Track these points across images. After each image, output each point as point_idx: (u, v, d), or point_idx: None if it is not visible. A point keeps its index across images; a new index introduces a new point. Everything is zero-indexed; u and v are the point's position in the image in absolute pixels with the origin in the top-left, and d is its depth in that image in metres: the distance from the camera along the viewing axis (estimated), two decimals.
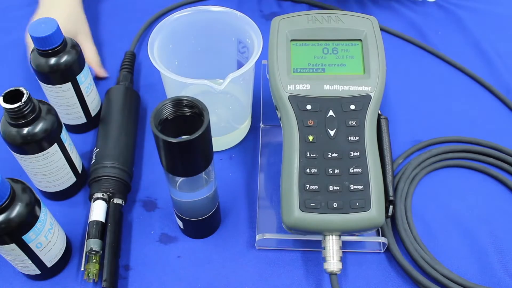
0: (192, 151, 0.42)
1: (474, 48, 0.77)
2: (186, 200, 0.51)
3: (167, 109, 0.43)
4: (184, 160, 0.43)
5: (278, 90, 0.52)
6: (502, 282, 0.54)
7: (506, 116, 0.69)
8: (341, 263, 0.50)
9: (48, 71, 0.57)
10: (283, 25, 0.56)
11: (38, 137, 0.50)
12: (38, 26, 0.54)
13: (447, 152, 0.63)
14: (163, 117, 0.43)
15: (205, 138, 0.42)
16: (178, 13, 0.59)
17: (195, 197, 0.50)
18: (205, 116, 0.42)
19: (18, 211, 0.45)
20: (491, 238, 0.57)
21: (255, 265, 0.55)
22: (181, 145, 0.41)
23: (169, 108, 0.43)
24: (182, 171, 0.45)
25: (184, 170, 0.45)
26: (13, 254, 0.48)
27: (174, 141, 0.40)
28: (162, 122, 0.43)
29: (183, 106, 0.44)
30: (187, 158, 0.43)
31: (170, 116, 0.44)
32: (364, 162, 0.51)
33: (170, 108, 0.43)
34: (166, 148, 0.42)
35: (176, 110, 0.44)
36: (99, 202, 0.56)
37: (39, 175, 0.55)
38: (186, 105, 0.43)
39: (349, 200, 0.49)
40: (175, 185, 0.49)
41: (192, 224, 0.54)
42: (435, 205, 0.60)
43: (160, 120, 0.43)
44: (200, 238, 0.57)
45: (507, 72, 0.74)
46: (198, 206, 0.52)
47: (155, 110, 0.42)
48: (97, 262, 0.53)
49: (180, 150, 0.42)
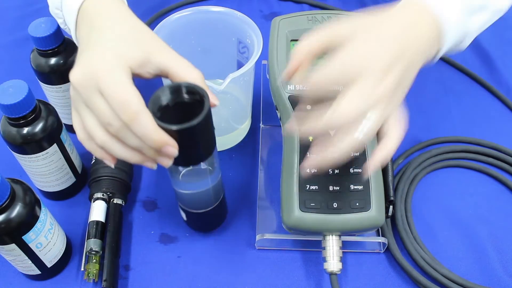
0: (193, 138, 0.41)
1: (474, 48, 0.77)
2: (189, 192, 0.50)
3: (166, 95, 0.41)
4: (185, 149, 0.41)
5: (278, 90, 0.52)
6: (502, 282, 0.54)
7: (506, 116, 0.69)
8: (341, 263, 0.50)
9: (48, 71, 0.57)
10: (283, 25, 0.56)
11: (38, 137, 0.51)
12: (38, 26, 0.54)
13: (447, 152, 0.63)
14: (161, 103, 0.41)
15: (206, 124, 0.41)
16: (178, 13, 0.59)
17: (198, 188, 0.49)
18: (206, 102, 0.40)
19: (18, 211, 0.45)
20: (491, 238, 0.57)
21: (255, 265, 0.55)
22: (182, 132, 0.39)
23: (168, 94, 0.41)
24: (184, 160, 0.44)
25: (186, 159, 0.44)
26: (13, 254, 0.48)
27: (174, 128, 0.39)
28: (161, 110, 0.41)
29: (182, 93, 0.41)
30: (189, 147, 0.42)
31: (170, 103, 0.41)
32: (364, 162, 0.51)
33: (168, 94, 0.41)
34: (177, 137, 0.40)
35: (175, 97, 0.41)
36: (99, 202, 0.56)
37: (39, 175, 0.55)
38: (186, 92, 0.41)
39: (349, 200, 0.49)
40: (178, 176, 0.48)
41: (196, 216, 0.53)
42: (435, 205, 0.60)
43: (159, 106, 0.41)
44: (206, 231, 0.57)
45: (507, 72, 0.74)
46: (202, 198, 0.51)
47: (153, 96, 0.41)
48: (97, 262, 0.53)
49: (181, 138, 0.40)
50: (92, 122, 0.41)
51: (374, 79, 0.40)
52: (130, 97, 0.39)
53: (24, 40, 0.77)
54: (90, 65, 0.40)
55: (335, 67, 0.41)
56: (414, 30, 0.43)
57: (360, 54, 0.41)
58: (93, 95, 0.40)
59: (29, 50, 0.58)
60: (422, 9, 0.44)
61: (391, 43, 0.41)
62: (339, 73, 0.41)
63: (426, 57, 0.45)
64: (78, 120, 0.42)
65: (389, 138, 0.44)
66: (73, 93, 0.42)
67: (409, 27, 0.43)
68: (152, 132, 0.38)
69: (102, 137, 0.41)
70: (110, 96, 0.39)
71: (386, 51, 0.41)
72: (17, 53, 0.76)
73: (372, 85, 0.40)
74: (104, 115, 0.40)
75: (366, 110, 0.40)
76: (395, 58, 0.41)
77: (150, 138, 0.39)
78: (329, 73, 0.41)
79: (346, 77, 0.40)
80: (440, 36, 0.45)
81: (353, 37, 0.42)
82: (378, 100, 0.40)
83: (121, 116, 0.39)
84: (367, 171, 0.44)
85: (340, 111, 0.40)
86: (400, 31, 0.43)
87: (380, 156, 0.43)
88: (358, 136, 0.41)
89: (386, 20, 0.44)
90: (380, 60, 0.40)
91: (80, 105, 0.41)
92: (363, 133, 0.41)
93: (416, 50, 0.43)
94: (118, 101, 0.39)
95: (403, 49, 0.42)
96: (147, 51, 0.43)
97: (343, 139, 0.41)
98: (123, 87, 0.39)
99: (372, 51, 0.41)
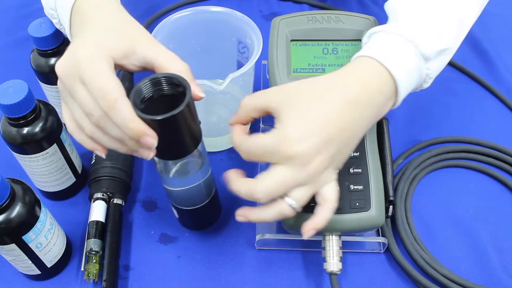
0: (175, 130, 0.40)
1: (474, 48, 0.77)
2: (180, 189, 0.50)
3: (147, 87, 0.41)
4: (168, 141, 0.41)
5: None
6: (502, 282, 0.54)
7: (506, 116, 0.69)
8: (341, 263, 0.50)
9: (48, 71, 0.57)
10: (283, 25, 0.56)
11: (38, 137, 0.51)
12: (38, 26, 0.54)
13: (447, 152, 0.63)
14: (144, 95, 0.41)
15: (188, 115, 0.40)
16: (178, 13, 0.59)
17: (189, 184, 0.49)
18: (187, 93, 0.39)
19: (18, 211, 0.45)
20: (491, 238, 0.57)
21: (255, 265, 0.55)
22: (162, 123, 0.39)
23: (148, 85, 0.41)
24: (170, 153, 0.43)
25: (172, 152, 0.43)
26: (13, 254, 0.48)
27: (152, 118, 0.38)
28: (145, 102, 0.41)
29: (162, 83, 0.41)
30: (171, 139, 0.41)
31: (154, 95, 0.41)
32: (364, 162, 0.51)
33: (149, 85, 0.41)
34: (156, 128, 0.39)
35: (157, 88, 0.41)
36: (99, 202, 0.56)
37: (39, 175, 0.55)
38: (166, 82, 0.41)
39: (349, 200, 0.49)
40: (168, 173, 0.48)
41: (188, 213, 0.53)
42: (435, 205, 0.60)
43: (142, 99, 0.41)
44: (199, 229, 0.57)
45: (507, 72, 0.74)
46: (193, 194, 0.51)
47: (134, 87, 0.40)
48: (97, 262, 0.53)
49: (162, 129, 0.39)
50: (79, 112, 0.41)
51: (297, 166, 0.41)
52: (109, 85, 0.39)
53: (24, 40, 0.77)
54: (73, 55, 0.41)
55: (266, 145, 0.41)
56: (363, 97, 0.43)
57: (286, 142, 0.40)
58: (76, 84, 0.40)
59: (29, 50, 0.58)
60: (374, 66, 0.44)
61: (324, 127, 0.41)
62: (268, 153, 0.41)
63: (378, 116, 0.45)
64: (67, 112, 0.43)
65: (322, 209, 0.44)
66: (60, 84, 0.42)
67: (355, 99, 0.42)
68: (128, 121, 0.38)
69: (90, 127, 0.41)
70: (90, 84, 0.39)
71: (317, 136, 0.41)
72: (17, 53, 0.76)
73: (295, 171, 0.41)
74: (85, 105, 0.40)
75: (285, 190, 0.41)
76: (324, 144, 0.41)
77: (127, 127, 0.38)
78: (260, 150, 0.42)
79: (274, 157, 0.41)
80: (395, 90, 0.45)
81: (288, 110, 0.42)
82: (302, 181, 0.41)
83: (100, 104, 0.39)
84: (305, 233, 0.44)
85: (258, 190, 0.41)
86: (339, 108, 0.42)
87: (315, 223, 0.44)
88: (288, 202, 0.42)
89: (330, 91, 0.43)
90: (306, 152, 0.40)
91: (67, 95, 0.42)
92: (293, 202, 0.42)
93: (360, 122, 0.43)
94: (97, 89, 0.39)
95: (340, 129, 0.42)
96: (131, 43, 0.43)
97: (271, 206, 0.43)
98: (102, 75, 0.39)
99: (299, 142, 0.40)
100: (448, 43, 0.46)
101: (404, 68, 0.44)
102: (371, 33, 0.47)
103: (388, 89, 0.44)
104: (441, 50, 0.46)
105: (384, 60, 0.43)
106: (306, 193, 0.42)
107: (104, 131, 0.41)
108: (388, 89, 0.44)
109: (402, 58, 0.44)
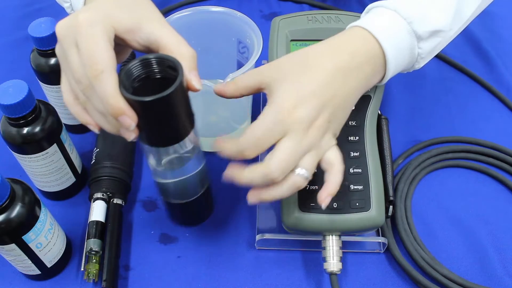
0: (163, 113, 0.38)
1: (474, 48, 0.77)
2: (171, 181, 0.49)
3: (136, 67, 0.39)
4: (156, 125, 0.39)
5: None
6: (502, 282, 0.54)
7: (506, 116, 0.69)
8: (341, 263, 0.50)
9: (48, 71, 0.57)
10: (283, 25, 0.56)
11: (38, 137, 0.51)
12: (38, 26, 0.54)
13: (447, 152, 0.63)
14: (133, 75, 0.39)
15: (178, 99, 0.38)
16: (178, 13, 0.59)
17: (181, 175, 0.48)
18: (179, 76, 0.37)
19: (18, 211, 0.45)
20: (491, 238, 0.57)
21: (255, 265, 0.55)
22: (149, 105, 0.36)
23: (138, 66, 0.39)
24: (162, 139, 0.41)
25: (164, 137, 0.41)
26: (13, 254, 0.48)
27: (139, 99, 0.36)
28: (137, 84, 0.39)
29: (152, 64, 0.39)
30: (166, 120, 0.39)
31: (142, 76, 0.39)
32: (364, 162, 0.51)
33: (139, 66, 0.39)
34: (141, 111, 0.37)
35: (148, 69, 0.39)
36: (99, 202, 0.56)
37: (39, 175, 0.55)
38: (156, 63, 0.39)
39: (349, 200, 0.49)
40: (160, 163, 0.46)
41: (180, 208, 0.53)
42: (435, 205, 0.60)
43: (133, 80, 0.39)
44: (191, 225, 0.56)
45: (507, 72, 0.74)
46: (186, 186, 0.50)
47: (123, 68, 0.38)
48: (97, 262, 0.53)
49: (149, 112, 0.37)
50: (72, 80, 0.40)
51: (299, 133, 0.41)
52: (99, 54, 0.38)
53: (24, 40, 0.78)
54: (75, 16, 0.39)
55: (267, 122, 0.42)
56: (352, 65, 0.44)
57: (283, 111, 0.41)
58: (70, 46, 0.39)
59: (29, 50, 0.58)
60: (365, 36, 0.45)
61: (317, 92, 0.42)
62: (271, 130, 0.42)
63: (366, 87, 0.46)
64: (65, 82, 0.42)
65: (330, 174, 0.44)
66: (58, 49, 0.41)
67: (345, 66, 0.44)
68: (110, 97, 0.37)
69: (82, 96, 0.40)
70: (82, 50, 0.38)
71: (312, 100, 0.42)
72: (17, 53, 0.76)
73: (298, 140, 0.41)
74: (76, 70, 0.39)
75: (296, 161, 0.42)
76: (320, 108, 0.42)
77: (107, 103, 0.37)
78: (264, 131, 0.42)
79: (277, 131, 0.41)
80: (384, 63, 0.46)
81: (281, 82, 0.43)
82: (306, 148, 0.42)
83: (87, 71, 0.38)
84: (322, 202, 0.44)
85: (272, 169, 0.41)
86: (330, 74, 0.43)
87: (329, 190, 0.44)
88: (299, 172, 0.42)
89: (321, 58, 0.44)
90: (304, 116, 0.41)
91: (64, 61, 0.41)
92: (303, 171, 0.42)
93: (349, 89, 0.44)
94: (87, 55, 0.38)
95: (332, 95, 0.43)
96: (139, 19, 0.41)
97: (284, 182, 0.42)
98: (96, 42, 0.38)
99: (296, 109, 0.41)
100: (444, 25, 0.47)
101: (395, 42, 0.45)
102: (370, 8, 0.48)
103: (376, 61, 0.45)
104: (434, 30, 0.46)
105: (375, 31, 0.45)
106: (313, 160, 0.43)
107: (91, 102, 0.39)
108: (376, 61, 0.45)
109: (394, 32, 0.45)
